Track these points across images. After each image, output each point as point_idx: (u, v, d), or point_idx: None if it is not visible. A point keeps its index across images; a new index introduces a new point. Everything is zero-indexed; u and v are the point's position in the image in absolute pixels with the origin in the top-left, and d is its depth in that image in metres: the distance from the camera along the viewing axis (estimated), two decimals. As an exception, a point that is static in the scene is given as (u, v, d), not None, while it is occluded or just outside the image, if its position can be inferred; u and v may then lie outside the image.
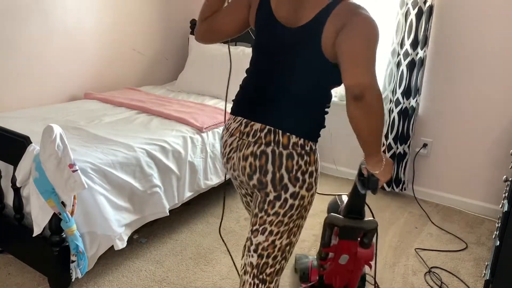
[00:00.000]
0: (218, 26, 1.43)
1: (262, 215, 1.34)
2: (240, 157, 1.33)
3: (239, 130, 1.34)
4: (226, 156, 1.39)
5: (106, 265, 2.21)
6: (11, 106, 2.81)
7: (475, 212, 3.01)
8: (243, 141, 1.33)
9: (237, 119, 1.37)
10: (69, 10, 3.06)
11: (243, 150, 1.32)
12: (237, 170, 1.36)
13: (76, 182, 1.76)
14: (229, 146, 1.37)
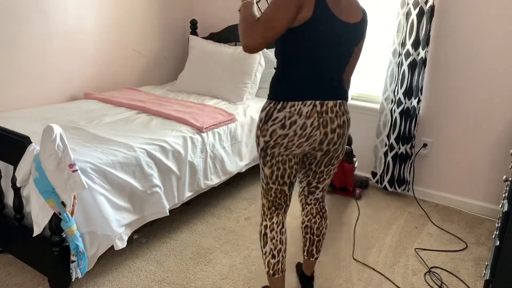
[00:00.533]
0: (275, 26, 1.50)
1: (329, 168, 1.81)
2: (327, 132, 1.65)
3: (315, 111, 1.61)
4: (306, 136, 1.62)
5: (106, 265, 2.21)
6: (11, 106, 2.82)
7: (475, 212, 3.01)
8: (324, 118, 1.63)
9: (307, 103, 1.60)
10: (69, 10, 3.06)
11: (330, 125, 1.64)
12: (318, 143, 1.66)
13: (76, 182, 1.76)
14: (310, 127, 1.61)
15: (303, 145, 1.65)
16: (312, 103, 1.61)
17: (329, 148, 1.70)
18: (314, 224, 1.95)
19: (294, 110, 1.60)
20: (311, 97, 1.61)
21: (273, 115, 1.63)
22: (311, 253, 2.01)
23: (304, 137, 1.63)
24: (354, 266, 2.34)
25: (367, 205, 3.05)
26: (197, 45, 3.61)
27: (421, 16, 2.80)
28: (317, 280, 2.21)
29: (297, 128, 1.61)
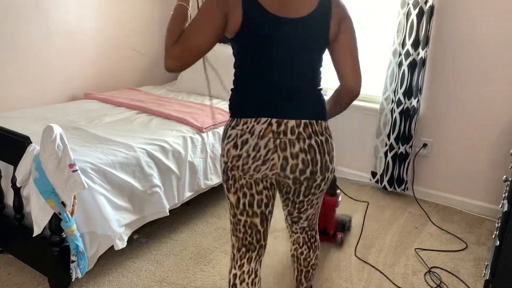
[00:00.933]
0: (194, 44, 1.31)
1: (310, 197, 1.52)
2: (287, 156, 1.37)
3: (270, 130, 1.36)
4: (261, 159, 1.37)
5: (106, 265, 2.21)
6: (11, 106, 2.82)
7: (475, 212, 3.01)
8: (281, 141, 1.36)
9: (260, 120, 1.36)
10: (69, 10, 3.06)
11: (289, 149, 1.37)
12: (279, 169, 1.38)
13: (76, 182, 1.76)
14: (264, 148, 1.36)
15: (261, 170, 1.39)
16: (267, 121, 1.36)
17: (296, 176, 1.40)
18: (300, 254, 1.73)
19: (246, 128, 1.37)
20: (267, 113, 1.36)
21: (227, 133, 1.42)
22: (300, 282, 1.80)
23: (259, 160, 1.37)
24: (354, 266, 2.34)
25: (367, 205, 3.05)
26: (197, 45, 3.61)
27: (421, 16, 2.80)
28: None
29: (249, 148, 1.37)
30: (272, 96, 1.38)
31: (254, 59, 1.38)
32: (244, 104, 1.41)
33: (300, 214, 1.61)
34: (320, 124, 1.41)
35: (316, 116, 1.40)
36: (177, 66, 1.33)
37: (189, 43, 1.31)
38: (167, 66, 1.33)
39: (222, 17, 1.30)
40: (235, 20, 1.30)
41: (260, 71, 1.38)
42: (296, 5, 1.32)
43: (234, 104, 1.45)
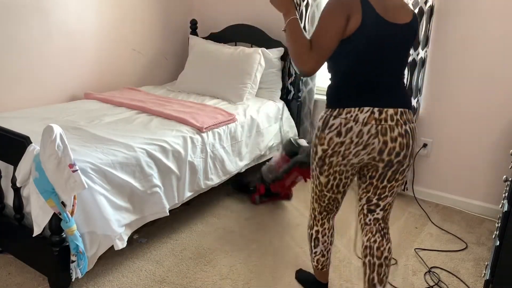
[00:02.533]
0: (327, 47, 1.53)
1: (393, 184, 1.70)
2: (387, 140, 1.58)
3: (373, 118, 1.56)
4: (363, 144, 1.58)
5: (106, 265, 2.21)
6: (11, 106, 2.81)
7: (475, 212, 3.01)
8: (383, 126, 1.57)
9: (364, 109, 1.56)
10: (69, 10, 3.06)
11: (389, 133, 1.57)
12: (377, 152, 1.60)
13: (76, 182, 1.76)
14: (367, 134, 1.57)
15: (360, 154, 1.60)
16: (370, 109, 1.56)
17: (391, 158, 1.61)
18: (374, 243, 1.75)
19: (350, 117, 1.57)
20: (369, 103, 1.57)
21: (329, 123, 1.61)
22: (371, 283, 1.74)
23: (360, 145, 1.58)
24: (354, 266, 2.34)
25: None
26: (197, 45, 3.61)
27: (420, 16, 2.80)
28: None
29: (353, 135, 1.57)
30: (374, 88, 1.59)
31: (363, 55, 1.57)
32: (348, 95, 1.60)
33: (379, 202, 1.74)
34: (410, 113, 1.64)
35: (408, 106, 1.64)
36: (315, 69, 1.55)
37: (323, 48, 1.52)
38: (306, 71, 1.55)
39: (345, 21, 1.50)
40: (354, 22, 1.51)
41: (366, 66, 1.59)
42: (398, 15, 1.58)
43: (336, 96, 1.64)
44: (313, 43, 1.52)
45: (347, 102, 1.59)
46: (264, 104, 3.23)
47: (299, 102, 3.45)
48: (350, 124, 1.57)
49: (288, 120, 3.37)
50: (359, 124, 1.56)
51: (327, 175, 1.69)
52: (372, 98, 1.58)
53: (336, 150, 1.61)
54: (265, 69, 3.33)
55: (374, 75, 1.59)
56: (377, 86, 1.60)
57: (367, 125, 1.56)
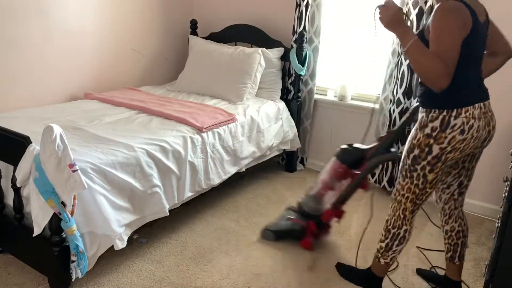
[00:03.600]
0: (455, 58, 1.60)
1: (474, 163, 1.95)
2: (490, 130, 1.77)
3: (482, 112, 1.72)
4: (479, 137, 1.74)
5: (106, 265, 2.21)
6: (11, 106, 2.82)
7: (475, 212, 3.01)
8: (486, 118, 1.74)
9: (476, 106, 1.71)
10: (69, 10, 3.06)
11: (491, 122, 1.77)
12: (481, 141, 1.77)
13: (76, 182, 1.76)
14: (482, 128, 1.73)
15: (474, 146, 1.76)
16: (479, 105, 1.72)
17: (485, 144, 1.81)
18: (464, 226, 2.06)
19: (469, 115, 1.69)
20: (477, 100, 1.72)
21: (451, 123, 1.70)
22: (463, 256, 2.09)
23: (477, 139, 1.74)
24: (354, 266, 2.34)
25: (366, 205, 3.04)
26: (197, 45, 3.61)
27: (420, 16, 2.80)
28: (318, 280, 2.21)
29: (474, 131, 1.71)
30: (479, 85, 1.77)
31: (472, 56, 1.69)
32: (464, 95, 1.71)
33: (469, 182, 2.00)
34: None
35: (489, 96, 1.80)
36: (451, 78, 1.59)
37: (454, 60, 1.59)
38: (445, 85, 1.58)
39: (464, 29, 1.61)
40: (467, 27, 1.62)
41: (474, 65, 1.72)
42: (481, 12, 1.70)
43: (451, 97, 1.71)
44: (444, 58, 1.57)
45: (464, 101, 1.70)
46: (264, 104, 3.23)
47: (299, 102, 3.45)
48: (471, 122, 1.70)
49: (288, 120, 3.37)
50: (477, 120, 1.70)
51: (437, 171, 1.78)
52: (478, 94, 1.74)
53: (456, 147, 1.72)
54: (265, 69, 3.33)
55: (477, 73, 1.76)
56: (479, 83, 1.77)
57: (480, 119, 1.72)
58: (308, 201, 2.48)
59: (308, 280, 2.21)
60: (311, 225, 2.43)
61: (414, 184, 1.84)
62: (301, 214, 2.48)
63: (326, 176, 2.42)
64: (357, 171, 2.34)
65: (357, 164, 2.35)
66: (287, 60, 3.40)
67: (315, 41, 3.35)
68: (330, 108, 3.48)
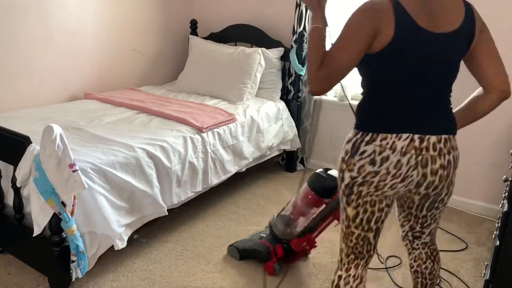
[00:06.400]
0: (341, 65, 1.31)
1: (433, 212, 1.53)
2: (426, 173, 1.37)
3: (413, 147, 1.35)
4: (401, 176, 1.36)
5: (106, 265, 2.21)
6: (11, 106, 2.82)
7: (475, 212, 3.01)
8: (424, 157, 1.36)
9: (402, 136, 1.35)
10: (69, 10, 3.06)
11: (430, 165, 1.37)
12: (415, 185, 1.40)
13: (76, 182, 1.76)
14: (406, 165, 1.35)
15: (397, 187, 1.39)
16: (409, 137, 1.35)
17: (428, 192, 1.43)
18: (425, 269, 1.68)
19: (386, 144, 1.35)
20: (409, 129, 1.35)
21: (360, 148, 1.38)
22: None
23: (398, 178, 1.36)
24: None
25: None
26: (197, 45, 3.61)
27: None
28: (317, 280, 2.21)
29: (390, 166, 1.35)
30: (414, 111, 1.37)
31: (399, 73, 1.35)
32: (384, 118, 1.38)
33: (423, 229, 1.59)
34: (455, 139, 1.43)
35: (453, 131, 1.42)
36: (324, 89, 1.33)
37: (335, 65, 1.30)
38: (312, 91, 1.33)
39: (373, 34, 1.28)
40: (385, 35, 1.29)
41: (404, 86, 1.36)
42: (446, 19, 1.32)
43: (369, 117, 1.41)
44: (326, 58, 1.31)
45: (382, 126, 1.37)
46: (264, 104, 3.23)
47: (299, 102, 3.45)
48: (386, 152, 1.35)
49: (288, 120, 3.37)
50: (397, 153, 1.35)
51: (355, 206, 1.43)
52: (411, 123, 1.36)
53: (367, 180, 1.38)
54: (265, 69, 3.33)
55: (414, 95, 1.37)
56: (418, 108, 1.37)
57: (406, 155, 1.35)
58: (277, 223, 2.26)
59: None
60: (278, 248, 2.23)
61: (341, 219, 1.52)
62: (272, 235, 2.28)
63: (298, 200, 2.21)
64: (328, 200, 2.13)
65: (329, 192, 2.12)
66: (287, 60, 3.40)
67: (315, 41, 3.34)
68: (330, 108, 3.48)
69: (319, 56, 1.32)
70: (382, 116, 1.39)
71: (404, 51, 1.31)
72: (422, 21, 1.30)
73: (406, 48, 1.30)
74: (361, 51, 1.30)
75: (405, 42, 1.30)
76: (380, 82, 1.39)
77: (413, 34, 1.29)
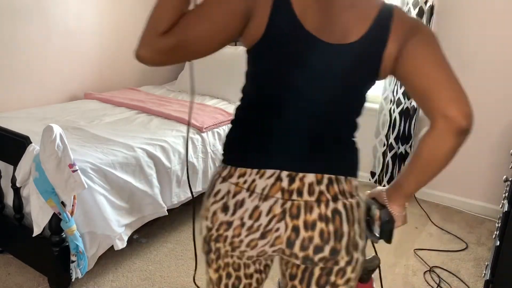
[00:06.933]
0: (196, 40, 0.90)
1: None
2: (298, 227, 0.96)
3: (279, 188, 0.96)
4: (260, 230, 0.97)
5: (106, 265, 2.21)
6: (11, 106, 2.82)
7: (475, 212, 3.01)
8: (293, 203, 0.96)
9: (265, 172, 0.96)
10: (69, 10, 3.06)
11: (303, 215, 0.96)
12: (285, 244, 0.98)
13: (76, 182, 1.76)
14: (266, 215, 0.96)
15: (258, 245, 0.98)
16: (275, 174, 0.96)
17: (308, 255, 0.98)
18: None
19: (243, 182, 0.97)
20: (275, 164, 0.97)
21: (215, 187, 1.02)
22: None
23: (257, 232, 0.97)
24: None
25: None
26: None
27: (420, 16, 2.80)
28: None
29: (245, 214, 0.96)
30: (286, 140, 0.98)
31: (270, 84, 0.97)
32: (244, 146, 1.01)
33: None
34: (350, 182, 1.00)
35: (346, 171, 1.00)
36: (160, 62, 0.95)
37: (188, 36, 0.89)
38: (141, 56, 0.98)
39: (244, 14, 0.90)
40: (256, 26, 0.91)
41: (277, 104, 0.97)
42: (343, 25, 0.92)
43: (231, 143, 1.04)
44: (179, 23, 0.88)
45: (241, 157, 1.00)
46: (264, 104, 3.22)
47: (299, 102, 3.44)
48: (241, 194, 0.97)
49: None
50: (256, 197, 0.96)
51: (216, 268, 1.07)
52: (281, 155, 0.97)
53: (221, 234, 1.00)
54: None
55: (288, 118, 0.97)
56: (294, 137, 0.98)
57: (268, 199, 0.96)
58: None
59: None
60: None
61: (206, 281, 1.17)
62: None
63: None
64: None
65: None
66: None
67: (315, 41, 3.34)
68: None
69: (170, 18, 0.88)
70: (244, 143, 1.01)
71: (277, 53, 0.93)
72: (310, 22, 0.91)
73: (280, 51, 0.93)
74: (227, 30, 0.91)
75: (279, 41, 0.92)
76: (249, 94, 1.02)
77: (292, 33, 0.91)
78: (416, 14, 2.80)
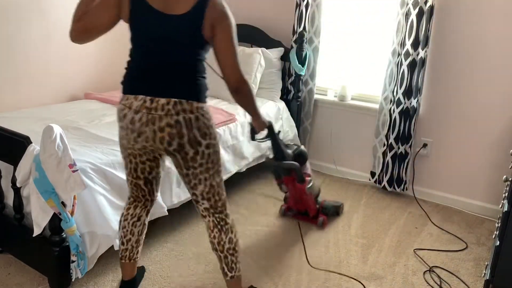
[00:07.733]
0: (94, 24, 1.61)
1: (192, 171, 1.68)
2: (155, 130, 1.59)
3: (145, 106, 1.59)
4: (136, 131, 1.61)
5: (106, 265, 2.21)
6: (11, 106, 2.82)
7: (475, 212, 3.01)
8: (153, 116, 1.58)
9: (138, 97, 1.60)
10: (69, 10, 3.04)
11: (157, 123, 1.58)
12: (152, 140, 1.61)
13: (76, 182, 1.76)
14: (138, 122, 1.60)
15: (138, 141, 1.63)
16: (143, 98, 1.60)
17: (166, 147, 1.62)
18: (214, 239, 1.78)
19: (126, 104, 1.62)
20: (142, 92, 1.60)
21: (119, 107, 1.67)
22: (223, 272, 1.82)
23: (135, 133, 1.62)
24: (353, 267, 2.34)
25: (366, 205, 3.05)
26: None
27: (420, 16, 2.81)
28: (317, 281, 2.21)
29: (128, 122, 1.62)
30: (148, 77, 1.61)
31: (137, 45, 1.64)
32: (128, 82, 1.65)
33: (193, 190, 1.74)
34: (191, 103, 1.61)
35: (186, 96, 1.60)
36: (78, 40, 1.64)
37: (91, 22, 1.61)
38: (70, 38, 1.63)
39: (118, 5, 1.58)
40: (125, 12, 1.59)
41: (141, 55, 1.63)
42: (174, 4, 1.55)
43: (123, 81, 1.67)
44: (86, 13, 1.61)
45: (127, 88, 1.64)
46: (264, 104, 3.23)
47: (299, 102, 3.45)
48: (125, 111, 1.62)
49: (288, 120, 3.37)
50: (132, 111, 1.60)
51: (124, 157, 1.76)
52: (145, 87, 1.61)
53: (121, 134, 1.69)
54: (265, 69, 3.33)
55: (147, 64, 1.62)
56: (152, 75, 1.61)
57: (139, 113, 1.59)
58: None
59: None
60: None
61: None
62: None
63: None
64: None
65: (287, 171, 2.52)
66: (287, 60, 3.40)
67: (315, 41, 3.35)
68: (330, 108, 3.48)
69: (82, 9, 1.60)
70: (128, 80, 1.66)
71: (138, 27, 1.60)
72: (155, 2, 1.55)
73: (140, 26, 1.59)
74: (111, 17, 1.60)
75: (138, 18, 1.58)
76: (131, 50, 1.66)
77: (145, 12, 1.56)
78: (416, 14, 2.81)
